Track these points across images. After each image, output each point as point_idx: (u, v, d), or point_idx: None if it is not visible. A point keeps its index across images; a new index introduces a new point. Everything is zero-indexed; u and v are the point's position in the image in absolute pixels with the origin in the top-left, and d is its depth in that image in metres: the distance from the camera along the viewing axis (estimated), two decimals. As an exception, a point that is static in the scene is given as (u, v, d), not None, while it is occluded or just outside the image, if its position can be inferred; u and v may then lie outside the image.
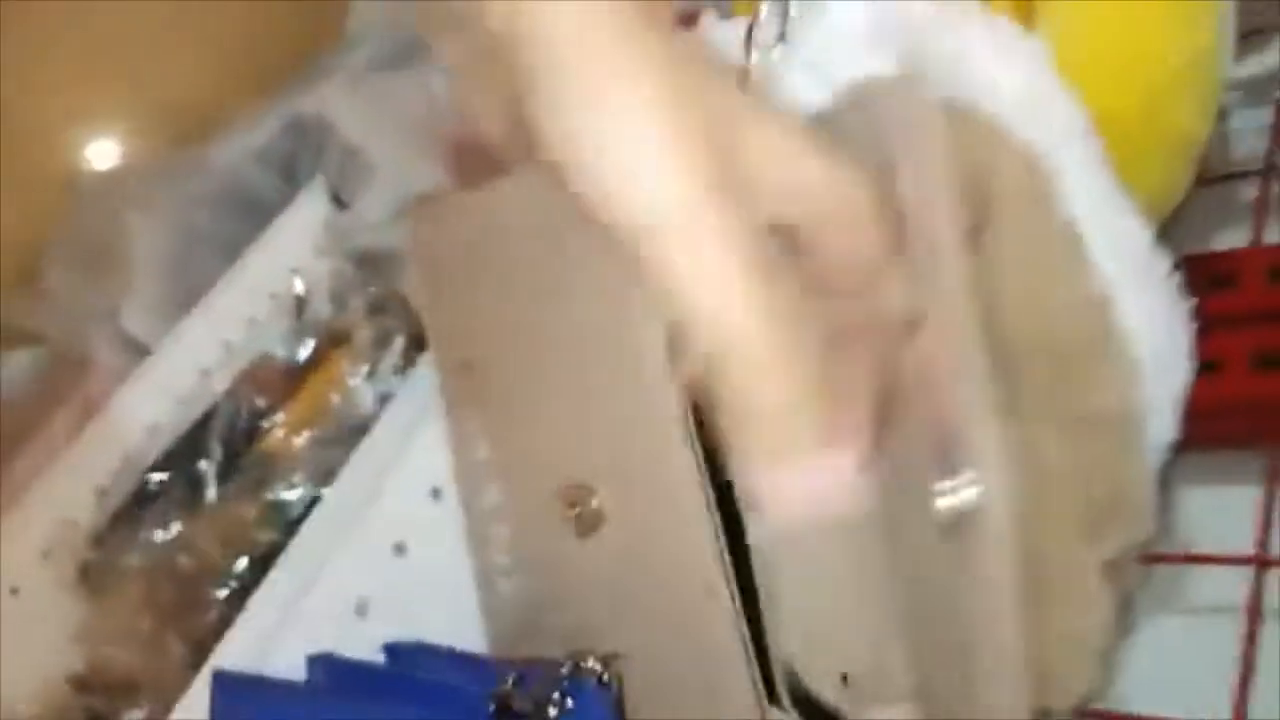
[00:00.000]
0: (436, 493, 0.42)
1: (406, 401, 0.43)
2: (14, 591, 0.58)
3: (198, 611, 0.47)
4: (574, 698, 0.28)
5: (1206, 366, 0.44)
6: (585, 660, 0.29)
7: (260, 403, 0.59)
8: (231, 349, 0.64)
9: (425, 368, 0.43)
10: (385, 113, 0.52)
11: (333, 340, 0.61)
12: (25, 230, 0.72)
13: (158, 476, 0.56)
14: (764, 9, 0.40)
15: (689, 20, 0.52)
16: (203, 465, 0.55)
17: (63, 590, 0.57)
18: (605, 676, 0.29)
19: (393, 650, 0.37)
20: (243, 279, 0.66)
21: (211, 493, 0.53)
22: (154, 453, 0.59)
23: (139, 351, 0.67)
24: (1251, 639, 0.41)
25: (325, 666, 0.35)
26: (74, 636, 0.53)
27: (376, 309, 0.58)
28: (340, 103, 0.54)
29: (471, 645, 0.39)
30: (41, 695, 0.53)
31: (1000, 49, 0.40)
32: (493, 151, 0.53)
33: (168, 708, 0.47)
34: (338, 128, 0.56)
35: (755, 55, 0.43)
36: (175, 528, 0.52)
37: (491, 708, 0.27)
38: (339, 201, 0.66)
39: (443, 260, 0.40)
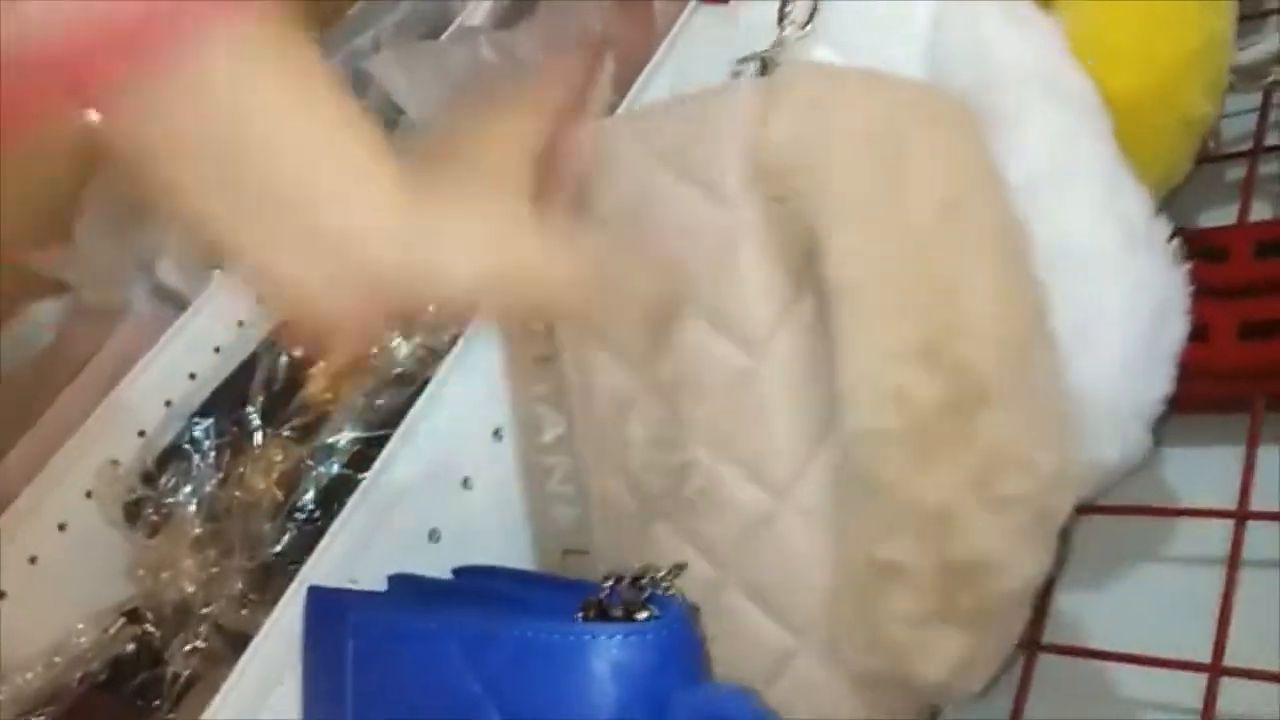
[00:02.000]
0: (498, 433, 0.45)
1: (467, 347, 0.45)
2: (61, 527, 0.60)
3: (255, 544, 0.49)
4: (657, 605, 0.31)
5: (1196, 334, 0.47)
6: (656, 571, 0.32)
7: (297, 353, 0.61)
8: (267, 301, 0.66)
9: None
10: (436, 77, 0.54)
11: (365, 295, 0.63)
12: (58, 184, 0.74)
13: (203, 421, 0.58)
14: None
15: (723, -5, 0.54)
16: (248, 410, 0.57)
17: (109, 526, 0.59)
18: (670, 586, 0.32)
19: (460, 571, 0.40)
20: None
21: (258, 437, 0.56)
22: (196, 400, 0.61)
23: (175, 303, 0.68)
24: (1231, 587, 0.43)
25: (405, 583, 0.38)
26: (127, 569, 0.55)
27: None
28: (393, 66, 0.56)
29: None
30: (93, 625, 0.56)
31: (1016, 25, 0.42)
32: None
33: (224, 636, 0.50)
34: (388, 89, 0.57)
35: (788, 31, 0.45)
36: (226, 467, 0.54)
37: (580, 614, 0.30)
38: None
39: None
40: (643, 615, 0.30)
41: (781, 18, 0.45)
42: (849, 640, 0.34)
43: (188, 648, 0.50)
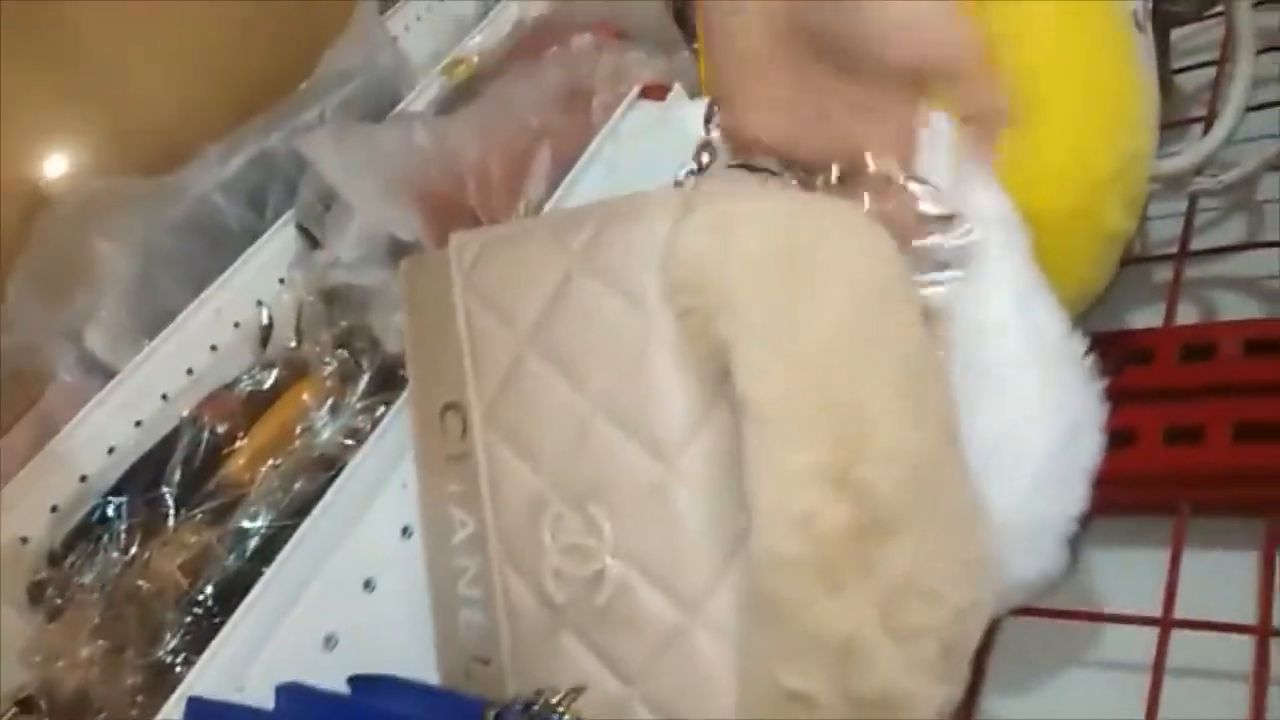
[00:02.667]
0: (406, 530, 0.43)
1: (380, 441, 0.45)
2: (-41, 607, 0.58)
3: (154, 636, 0.47)
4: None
5: (1122, 439, 0.47)
6: (552, 695, 0.31)
7: (221, 430, 0.60)
8: (194, 375, 0.65)
9: (398, 409, 0.45)
10: (368, 160, 0.54)
11: (295, 372, 0.63)
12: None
13: (116, 499, 0.56)
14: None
15: (658, 92, 0.56)
16: (163, 490, 0.55)
17: (10, 607, 0.57)
18: (566, 711, 0.31)
19: (356, 681, 0.38)
20: (208, 306, 0.67)
21: (171, 518, 0.54)
22: (113, 475, 0.60)
23: (101, 373, 0.67)
24: (1156, 694, 0.43)
25: (293, 696, 0.36)
26: (22, 654, 0.53)
27: (343, 344, 0.59)
28: (325, 147, 0.56)
29: (433, 681, 0.41)
30: (-15, 713, 0.53)
31: (933, 139, 0.43)
32: (466, 204, 0.56)
33: (118, 730, 0.48)
34: (320, 170, 0.57)
35: (714, 131, 0.45)
36: (134, 550, 0.52)
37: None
38: (309, 236, 0.68)
39: (431, 307, 0.42)
40: (529, 746, 0.29)
41: (708, 120, 0.45)
42: None
43: (80, 742, 0.47)
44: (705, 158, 0.40)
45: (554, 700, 0.31)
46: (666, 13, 0.67)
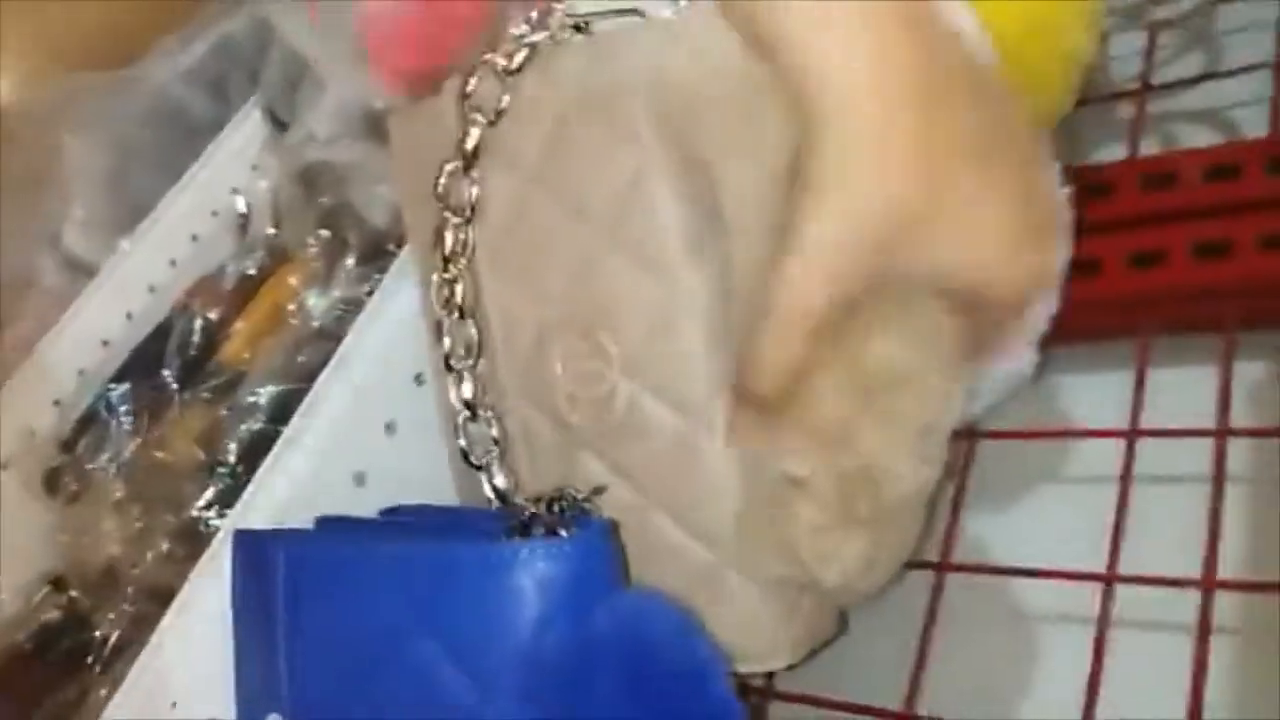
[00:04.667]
0: (419, 378, 0.45)
1: (387, 295, 0.46)
2: (-22, 500, 0.59)
3: (181, 504, 0.49)
4: (577, 524, 0.32)
5: (1087, 268, 0.49)
6: (577, 491, 0.33)
7: (212, 316, 0.61)
8: (178, 266, 0.66)
9: (400, 264, 0.46)
10: (339, 25, 0.54)
11: (278, 256, 0.63)
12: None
13: (119, 387, 0.57)
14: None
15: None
16: (165, 374, 0.56)
17: (29, 496, 0.58)
18: (590, 505, 0.33)
19: (391, 511, 0.41)
20: (184, 198, 0.67)
21: (176, 399, 0.55)
22: (110, 367, 0.60)
23: (83, 271, 0.67)
24: (1124, 503, 0.46)
25: (333, 523, 0.38)
26: (50, 537, 0.54)
27: (327, 223, 0.60)
28: (291, 19, 0.55)
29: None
30: (18, 596, 0.55)
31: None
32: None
33: (154, 598, 0.50)
34: (291, 38, 0.57)
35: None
36: (146, 429, 0.53)
37: (504, 536, 0.31)
38: (276, 120, 0.67)
39: (424, 153, 0.42)
40: (564, 532, 0.31)
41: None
42: (761, 549, 0.36)
43: (113, 614, 0.49)
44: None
45: (579, 496, 0.33)
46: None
